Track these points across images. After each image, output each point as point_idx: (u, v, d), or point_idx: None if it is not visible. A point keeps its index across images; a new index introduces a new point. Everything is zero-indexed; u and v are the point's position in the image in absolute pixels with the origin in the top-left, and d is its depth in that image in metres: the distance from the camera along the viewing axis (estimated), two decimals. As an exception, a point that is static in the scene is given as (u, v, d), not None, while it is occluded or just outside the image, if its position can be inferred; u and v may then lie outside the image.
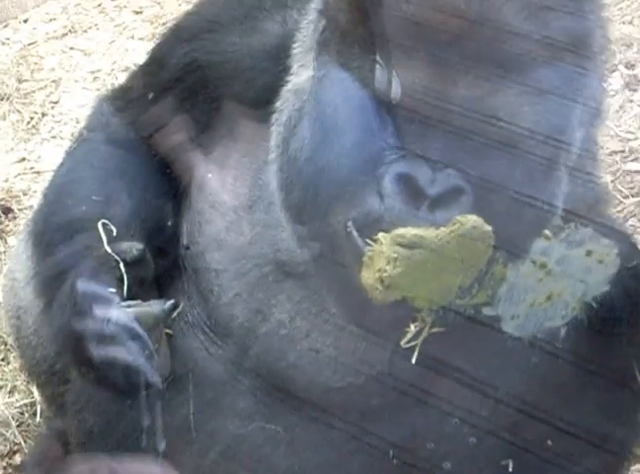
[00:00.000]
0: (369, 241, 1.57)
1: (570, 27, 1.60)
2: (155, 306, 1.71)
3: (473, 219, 1.55)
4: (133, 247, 1.76)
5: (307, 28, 1.72)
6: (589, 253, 1.65)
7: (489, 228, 1.55)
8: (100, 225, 1.79)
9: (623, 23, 3.21)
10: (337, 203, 1.61)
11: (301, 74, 1.70)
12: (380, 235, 1.56)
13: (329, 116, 1.64)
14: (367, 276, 1.58)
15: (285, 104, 1.72)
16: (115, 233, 1.79)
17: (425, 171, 1.57)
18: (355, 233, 1.59)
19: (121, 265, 1.73)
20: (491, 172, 1.59)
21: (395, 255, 1.55)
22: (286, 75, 1.73)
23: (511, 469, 1.73)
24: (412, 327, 1.62)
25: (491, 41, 1.55)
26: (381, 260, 1.56)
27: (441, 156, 1.58)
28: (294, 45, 1.74)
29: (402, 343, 1.63)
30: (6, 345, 2.56)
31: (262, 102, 1.75)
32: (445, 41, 1.56)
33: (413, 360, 1.62)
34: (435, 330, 1.62)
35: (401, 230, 1.55)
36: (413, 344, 1.62)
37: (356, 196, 1.60)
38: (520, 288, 1.62)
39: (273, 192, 1.74)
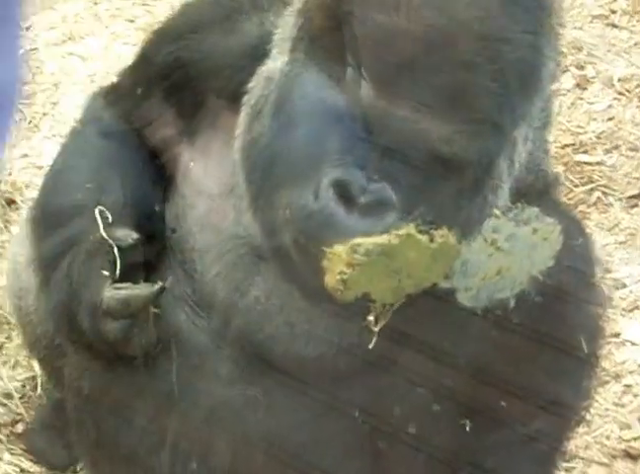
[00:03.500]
0: (325, 247, 1.56)
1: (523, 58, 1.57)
2: (144, 289, 1.78)
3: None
4: (129, 236, 1.81)
5: (289, 19, 1.71)
6: (535, 231, 1.71)
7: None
8: (97, 212, 1.83)
9: (574, 28, 3.27)
10: (283, 194, 1.61)
11: (277, 60, 1.71)
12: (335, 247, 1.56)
13: (289, 109, 1.64)
14: (328, 280, 1.58)
15: (257, 86, 1.72)
16: (110, 219, 1.83)
17: (360, 180, 1.57)
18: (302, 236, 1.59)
19: (116, 250, 1.79)
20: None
21: (355, 261, 1.55)
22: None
23: (468, 428, 1.77)
24: (371, 316, 1.64)
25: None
26: (339, 264, 1.57)
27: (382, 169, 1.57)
28: (275, 31, 1.74)
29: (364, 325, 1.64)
30: (9, 323, 2.60)
31: (240, 96, 1.75)
32: (405, 64, 1.54)
33: (370, 346, 1.64)
34: (394, 307, 1.63)
35: (358, 240, 1.55)
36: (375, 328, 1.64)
37: (297, 190, 1.59)
38: (472, 263, 1.68)
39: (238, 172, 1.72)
